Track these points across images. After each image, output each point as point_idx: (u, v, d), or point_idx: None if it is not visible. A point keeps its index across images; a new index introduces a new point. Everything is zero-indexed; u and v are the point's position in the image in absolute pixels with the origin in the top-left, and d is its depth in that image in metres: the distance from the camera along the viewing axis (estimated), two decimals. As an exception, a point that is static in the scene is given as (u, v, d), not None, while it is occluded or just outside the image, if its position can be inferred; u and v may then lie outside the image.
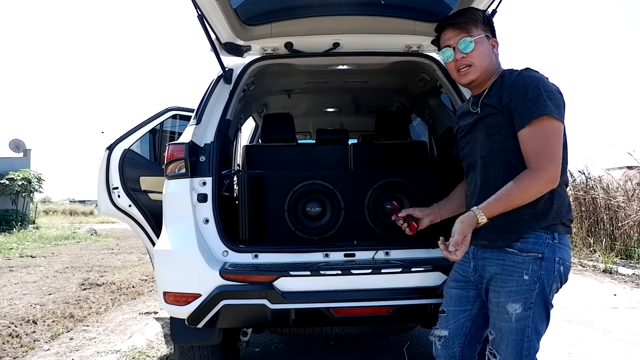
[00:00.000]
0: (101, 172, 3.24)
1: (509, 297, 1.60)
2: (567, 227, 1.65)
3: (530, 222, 1.60)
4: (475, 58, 1.70)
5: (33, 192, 17.33)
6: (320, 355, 3.40)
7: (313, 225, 2.64)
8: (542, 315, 1.62)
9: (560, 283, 1.64)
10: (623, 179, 8.55)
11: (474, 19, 1.72)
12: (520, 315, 1.59)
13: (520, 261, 1.60)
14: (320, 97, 4.47)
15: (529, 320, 1.60)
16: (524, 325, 1.60)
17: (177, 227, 2.25)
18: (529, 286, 1.58)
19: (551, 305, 1.64)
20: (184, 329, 2.22)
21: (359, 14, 2.72)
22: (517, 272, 1.60)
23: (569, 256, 1.64)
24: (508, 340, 1.62)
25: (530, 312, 1.59)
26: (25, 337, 3.80)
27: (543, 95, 1.55)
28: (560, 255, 1.60)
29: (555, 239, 1.60)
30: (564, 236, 1.63)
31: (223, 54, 2.75)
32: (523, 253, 1.60)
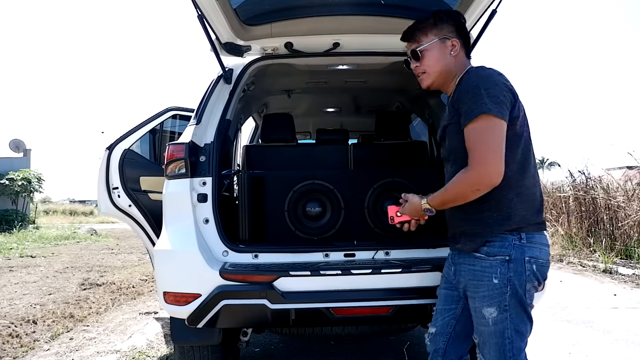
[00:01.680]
0: (101, 172, 3.24)
1: (483, 302, 1.63)
2: (537, 225, 1.64)
3: (494, 226, 1.61)
4: (426, 65, 1.76)
5: (33, 192, 17.33)
6: (320, 355, 3.40)
7: (313, 225, 2.64)
8: (521, 315, 1.62)
9: (538, 281, 1.62)
10: (623, 179, 8.55)
11: (422, 27, 1.77)
12: (497, 318, 1.61)
13: (488, 265, 1.61)
14: (320, 97, 4.47)
15: (507, 323, 1.61)
16: (502, 328, 1.61)
17: (177, 227, 2.25)
18: (500, 289, 1.59)
19: (530, 305, 1.64)
20: (184, 329, 2.22)
21: (359, 14, 2.72)
22: (486, 276, 1.61)
23: (542, 253, 1.62)
24: (490, 343, 1.64)
25: (506, 314, 1.60)
26: (25, 337, 3.80)
27: (482, 93, 1.56)
28: (530, 254, 1.59)
29: (523, 239, 1.60)
30: (535, 234, 1.62)
31: (223, 54, 2.74)
32: (490, 257, 1.61)
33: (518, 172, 1.62)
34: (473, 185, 1.57)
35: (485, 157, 1.54)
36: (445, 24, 1.75)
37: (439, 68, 1.74)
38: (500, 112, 1.54)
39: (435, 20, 1.75)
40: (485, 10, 2.39)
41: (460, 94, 1.63)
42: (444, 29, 1.74)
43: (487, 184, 1.56)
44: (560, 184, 10.26)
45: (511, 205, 1.60)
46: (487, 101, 1.54)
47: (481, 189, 1.57)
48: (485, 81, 1.59)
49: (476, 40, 2.60)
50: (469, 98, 1.58)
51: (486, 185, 1.56)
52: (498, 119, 1.54)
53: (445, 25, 1.74)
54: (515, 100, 1.61)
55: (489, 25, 2.42)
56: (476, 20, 2.52)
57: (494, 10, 2.33)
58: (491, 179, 1.55)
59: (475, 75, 1.63)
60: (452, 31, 1.75)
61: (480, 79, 1.60)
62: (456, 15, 1.81)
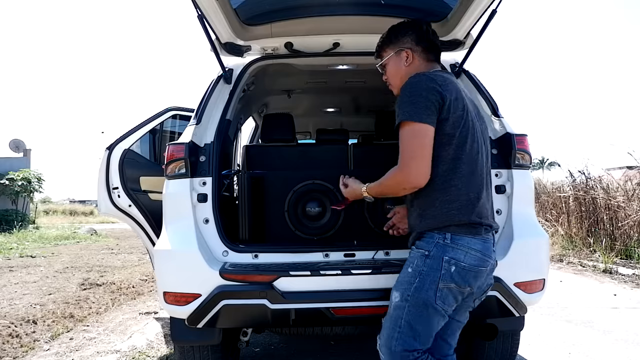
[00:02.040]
0: (101, 172, 3.24)
1: (395, 285, 1.73)
2: (467, 228, 1.65)
3: (427, 222, 1.69)
4: (389, 77, 1.91)
5: (33, 192, 17.34)
6: (320, 355, 3.40)
7: (313, 225, 2.64)
8: (420, 312, 1.64)
9: (454, 283, 1.63)
10: (623, 179, 8.55)
11: (381, 43, 1.91)
12: (397, 304, 1.68)
13: (412, 256, 1.72)
14: (320, 97, 4.47)
15: (403, 312, 1.66)
16: (398, 316, 1.67)
17: (177, 227, 2.25)
18: (409, 279, 1.67)
19: (437, 309, 1.64)
20: (184, 329, 2.22)
21: (359, 14, 2.72)
22: (407, 264, 1.72)
23: (468, 257, 1.63)
24: (385, 325, 1.73)
25: (405, 304, 1.66)
26: (25, 337, 3.80)
27: (406, 101, 1.65)
28: (451, 255, 1.62)
29: (447, 239, 1.64)
30: (464, 237, 1.64)
31: (223, 54, 2.74)
32: (416, 249, 1.71)
33: (447, 173, 1.66)
34: (399, 184, 1.70)
35: (407, 161, 1.64)
36: (402, 36, 1.85)
37: (397, 79, 1.85)
38: (420, 118, 1.61)
39: (390, 34, 1.88)
40: (485, 10, 2.39)
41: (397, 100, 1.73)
42: (400, 42, 1.85)
43: (410, 185, 1.67)
44: (560, 184, 10.26)
45: (435, 204, 1.66)
46: (409, 108, 1.63)
47: (406, 188, 1.70)
48: (411, 88, 1.67)
49: (476, 40, 2.61)
50: (397, 105, 1.68)
51: (410, 186, 1.68)
52: (419, 124, 1.61)
53: (402, 38, 1.85)
54: (445, 102, 1.64)
55: (489, 25, 2.42)
56: (476, 20, 2.52)
57: (494, 10, 2.32)
58: (413, 182, 1.65)
59: (406, 83, 1.70)
60: (409, 41, 1.84)
61: (407, 86, 1.68)
62: (414, 25, 1.87)
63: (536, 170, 48.91)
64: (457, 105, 1.66)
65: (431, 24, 1.91)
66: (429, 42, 1.85)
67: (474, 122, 1.73)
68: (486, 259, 1.67)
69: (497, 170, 2.38)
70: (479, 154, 1.71)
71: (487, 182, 1.76)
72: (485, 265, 1.68)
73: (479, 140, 1.73)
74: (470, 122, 1.70)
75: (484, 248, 1.66)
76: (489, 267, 1.70)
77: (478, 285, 1.71)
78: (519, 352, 2.76)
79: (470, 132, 1.69)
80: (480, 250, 1.65)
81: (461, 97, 1.71)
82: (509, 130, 2.42)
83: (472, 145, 1.68)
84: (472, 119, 1.72)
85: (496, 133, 2.47)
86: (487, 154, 1.81)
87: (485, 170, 1.76)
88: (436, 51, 1.88)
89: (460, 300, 1.70)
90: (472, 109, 1.77)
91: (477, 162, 1.70)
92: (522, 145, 2.38)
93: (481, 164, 1.72)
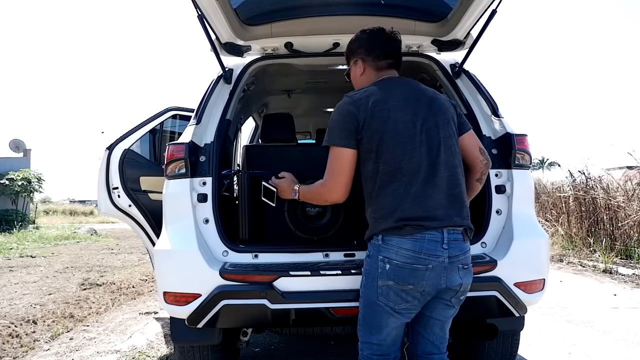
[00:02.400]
0: (101, 172, 3.24)
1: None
2: (393, 230, 1.70)
3: (367, 231, 1.82)
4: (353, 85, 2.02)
5: (33, 192, 17.34)
6: (320, 355, 3.40)
7: (313, 225, 2.63)
8: (368, 308, 1.78)
9: (392, 280, 1.70)
10: (623, 179, 8.55)
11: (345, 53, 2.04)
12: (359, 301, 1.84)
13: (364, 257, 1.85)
14: (320, 97, 4.46)
15: (361, 308, 1.82)
16: (359, 311, 1.83)
17: (177, 227, 2.25)
18: (361, 278, 1.83)
19: (377, 302, 1.73)
20: (184, 329, 2.22)
21: (359, 14, 2.72)
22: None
23: (399, 256, 1.68)
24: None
25: (361, 300, 1.82)
26: (25, 337, 3.80)
27: (328, 125, 1.85)
28: (385, 255, 1.71)
29: (380, 240, 1.74)
30: (394, 237, 1.70)
31: (223, 54, 2.74)
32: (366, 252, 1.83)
33: (372, 186, 1.77)
34: (320, 196, 1.90)
35: (327, 179, 1.82)
36: (357, 47, 1.95)
37: (357, 88, 1.94)
38: (334, 142, 1.78)
39: (349, 44, 1.99)
40: (485, 10, 2.39)
41: None
42: (355, 52, 1.96)
43: (329, 199, 1.87)
44: (560, 184, 10.26)
45: (368, 214, 1.82)
46: (328, 133, 1.82)
47: (327, 200, 1.92)
48: (333, 113, 1.85)
49: (476, 40, 2.61)
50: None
51: (330, 200, 1.89)
52: (335, 148, 1.79)
53: (357, 48, 1.95)
54: (359, 123, 1.76)
55: (489, 25, 2.42)
56: (476, 20, 2.52)
57: (494, 10, 2.32)
58: (330, 197, 1.85)
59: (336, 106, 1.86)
60: (362, 52, 1.93)
61: (333, 110, 1.86)
62: (368, 33, 1.93)
63: (536, 170, 48.90)
64: (372, 121, 1.75)
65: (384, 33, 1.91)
66: (379, 50, 1.91)
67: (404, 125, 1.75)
68: (421, 257, 1.67)
69: (497, 170, 2.38)
70: (409, 159, 1.72)
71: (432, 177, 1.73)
72: (421, 263, 1.67)
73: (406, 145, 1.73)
74: (391, 131, 1.74)
75: (415, 246, 1.67)
76: (431, 264, 1.67)
77: (433, 284, 1.68)
78: (519, 352, 2.76)
79: (391, 141, 1.73)
80: (411, 249, 1.68)
81: (383, 108, 1.76)
82: (509, 130, 2.42)
83: (395, 153, 1.73)
84: (397, 126, 1.74)
85: (496, 133, 2.47)
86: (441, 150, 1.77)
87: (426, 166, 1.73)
88: (389, 58, 1.92)
89: (412, 299, 1.70)
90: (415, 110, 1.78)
91: (402, 168, 1.72)
92: (522, 145, 2.38)
93: (413, 166, 1.72)
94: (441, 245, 1.69)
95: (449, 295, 1.76)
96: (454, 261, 1.71)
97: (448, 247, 1.70)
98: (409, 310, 1.74)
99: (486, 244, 2.31)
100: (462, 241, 1.75)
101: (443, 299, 1.77)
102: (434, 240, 1.68)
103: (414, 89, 1.87)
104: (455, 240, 1.72)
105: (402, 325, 1.79)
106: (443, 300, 1.78)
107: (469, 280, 1.79)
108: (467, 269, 1.77)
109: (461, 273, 1.74)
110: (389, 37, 1.91)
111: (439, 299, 1.77)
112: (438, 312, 1.81)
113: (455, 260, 1.72)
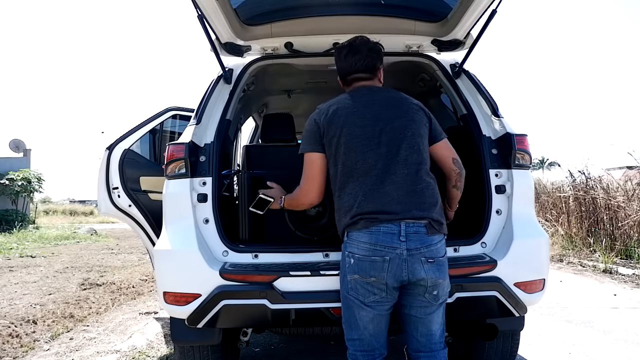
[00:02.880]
0: (101, 172, 3.24)
1: None
2: (352, 225, 1.82)
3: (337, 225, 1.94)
4: None
5: (33, 192, 17.33)
6: (320, 355, 3.40)
7: (313, 225, 2.63)
8: (344, 304, 1.88)
9: (357, 274, 1.78)
10: (623, 179, 8.55)
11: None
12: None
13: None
14: (320, 97, 4.45)
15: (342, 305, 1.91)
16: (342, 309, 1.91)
17: (177, 227, 2.25)
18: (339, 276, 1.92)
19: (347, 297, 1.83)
20: (184, 329, 2.22)
21: (359, 14, 2.72)
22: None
23: (359, 249, 1.78)
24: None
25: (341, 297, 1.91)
26: (25, 337, 3.80)
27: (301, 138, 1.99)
28: (349, 250, 1.82)
29: (346, 236, 1.87)
30: (353, 232, 1.82)
31: (223, 54, 2.74)
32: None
33: (335, 187, 1.91)
34: (299, 201, 2.05)
35: (302, 183, 1.99)
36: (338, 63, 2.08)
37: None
38: (304, 149, 1.95)
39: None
40: (485, 10, 2.39)
41: None
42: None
43: (305, 201, 2.03)
44: (560, 184, 10.25)
45: (336, 215, 1.93)
46: (302, 142, 1.98)
47: (304, 203, 2.06)
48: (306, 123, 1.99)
49: (476, 40, 2.61)
50: None
51: (306, 202, 2.04)
52: (306, 154, 1.95)
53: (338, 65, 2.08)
54: (321, 130, 1.92)
55: (489, 25, 2.42)
56: (476, 20, 2.52)
57: (494, 10, 2.32)
58: (307, 200, 2.01)
59: None
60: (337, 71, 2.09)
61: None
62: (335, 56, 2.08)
63: (536, 170, 48.86)
64: (330, 127, 1.89)
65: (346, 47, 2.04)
66: (340, 70, 2.07)
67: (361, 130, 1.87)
68: (377, 249, 1.74)
69: (497, 170, 2.38)
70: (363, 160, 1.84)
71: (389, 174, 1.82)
72: (378, 254, 1.74)
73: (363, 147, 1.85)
74: (347, 135, 1.86)
75: (371, 239, 1.76)
76: (388, 256, 1.73)
77: (394, 275, 1.74)
78: (519, 352, 2.76)
79: (347, 144, 1.86)
80: (368, 241, 1.77)
81: (341, 114, 1.90)
82: (509, 130, 2.42)
83: (350, 155, 1.85)
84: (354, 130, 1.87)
85: (496, 133, 2.47)
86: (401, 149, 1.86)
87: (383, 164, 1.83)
88: (352, 73, 2.03)
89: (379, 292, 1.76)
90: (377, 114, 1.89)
91: (357, 168, 1.84)
92: (522, 145, 2.38)
93: (368, 166, 1.83)
94: (398, 238, 1.74)
95: (419, 290, 1.78)
96: (414, 254, 1.74)
97: (406, 239, 1.74)
98: (379, 302, 1.79)
99: (486, 244, 2.31)
100: (424, 234, 1.77)
101: (416, 294, 1.80)
102: (389, 232, 1.75)
103: (381, 96, 1.97)
104: (416, 233, 1.76)
105: (376, 319, 1.81)
106: (417, 297, 1.80)
107: (436, 275, 1.78)
108: (433, 263, 1.77)
109: (425, 267, 1.75)
110: (348, 52, 2.01)
111: (412, 295, 1.81)
112: (416, 309, 1.83)
113: (416, 253, 1.75)
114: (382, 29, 2.76)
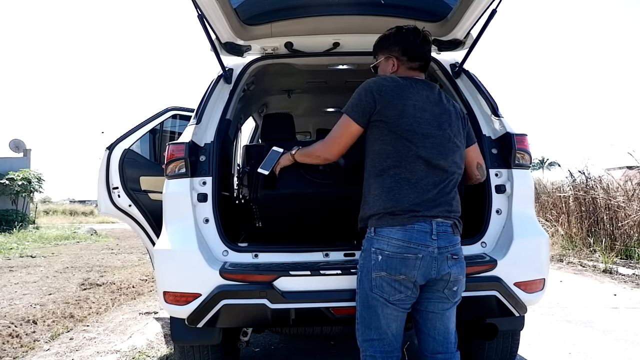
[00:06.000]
0: (101, 172, 3.24)
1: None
2: (389, 218, 1.77)
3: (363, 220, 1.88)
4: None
5: (33, 192, 17.33)
6: (320, 355, 3.40)
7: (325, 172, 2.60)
8: (366, 303, 1.81)
9: (384, 271, 1.75)
10: (623, 179, 8.55)
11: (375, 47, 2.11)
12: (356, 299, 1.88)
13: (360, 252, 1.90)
14: (320, 97, 4.46)
15: (358, 305, 1.86)
16: (357, 309, 1.86)
17: (177, 227, 2.25)
18: (357, 274, 1.87)
19: (372, 295, 1.78)
20: (184, 328, 2.22)
21: (359, 14, 2.72)
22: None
23: (390, 246, 1.75)
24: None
25: (357, 297, 1.86)
26: (25, 337, 3.80)
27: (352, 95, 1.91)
28: (377, 246, 1.78)
29: (372, 232, 1.81)
30: (384, 228, 1.77)
31: (223, 53, 2.74)
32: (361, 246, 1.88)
33: (376, 167, 1.83)
34: (315, 152, 2.06)
35: (328, 139, 1.97)
36: (392, 45, 1.99)
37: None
38: (348, 112, 1.89)
39: (382, 42, 2.05)
40: (485, 10, 2.39)
41: None
42: (389, 50, 2.00)
43: (323, 157, 2.03)
44: (560, 184, 10.26)
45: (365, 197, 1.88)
46: (348, 102, 1.90)
47: (320, 157, 2.06)
48: (360, 86, 1.91)
49: (476, 40, 2.60)
50: None
51: (323, 157, 2.04)
52: (346, 117, 1.89)
53: (391, 47, 1.99)
54: (376, 106, 1.83)
55: (489, 25, 2.42)
56: (476, 20, 2.52)
57: (494, 10, 2.32)
58: (327, 155, 2.01)
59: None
60: (397, 50, 1.97)
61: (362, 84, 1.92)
62: (404, 36, 1.97)
63: (536, 170, 48.90)
64: (388, 110, 1.82)
65: (421, 34, 1.96)
66: (414, 52, 1.96)
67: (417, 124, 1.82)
68: (411, 247, 1.74)
69: (497, 170, 2.38)
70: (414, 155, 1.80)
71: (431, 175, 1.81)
72: (411, 252, 1.74)
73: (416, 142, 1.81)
74: (405, 125, 1.81)
75: (405, 236, 1.75)
76: (421, 254, 1.74)
77: (423, 273, 1.75)
78: (519, 352, 2.76)
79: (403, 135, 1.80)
80: (401, 239, 1.75)
81: (401, 103, 1.82)
82: (509, 130, 2.42)
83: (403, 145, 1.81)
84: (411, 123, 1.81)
85: (496, 133, 2.47)
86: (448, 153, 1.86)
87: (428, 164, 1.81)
88: (420, 60, 1.98)
89: (405, 289, 1.76)
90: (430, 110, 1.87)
91: (404, 162, 1.80)
92: (522, 145, 2.38)
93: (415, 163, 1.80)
94: (430, 236, 1.76)
95: (440, 286, 1.81)
96: (443, 252, 1.78)
97: (437, 238, 1.77)
98: (403, 301, 1.79)
99: (486, 243, 2.31)
100: (451, 234, 1.82)
101: (435, 290, 1.81)
102: (423, 231, 1.76)
103: (435, 94, 1.94)
104: (445, 232, 1.80)
105: (399, 318, 1.82)
106: (436, 292, 1.82)
107: (458, 270, 1.83)
108: (457, 259, 1.83)
109: (450, 262, 1.79)
110: (424, 39, 1.97)
111: (431, 292, 1.82)
112: (434, 304, 1.84)
113: (445, 251, 1.78)
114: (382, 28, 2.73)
